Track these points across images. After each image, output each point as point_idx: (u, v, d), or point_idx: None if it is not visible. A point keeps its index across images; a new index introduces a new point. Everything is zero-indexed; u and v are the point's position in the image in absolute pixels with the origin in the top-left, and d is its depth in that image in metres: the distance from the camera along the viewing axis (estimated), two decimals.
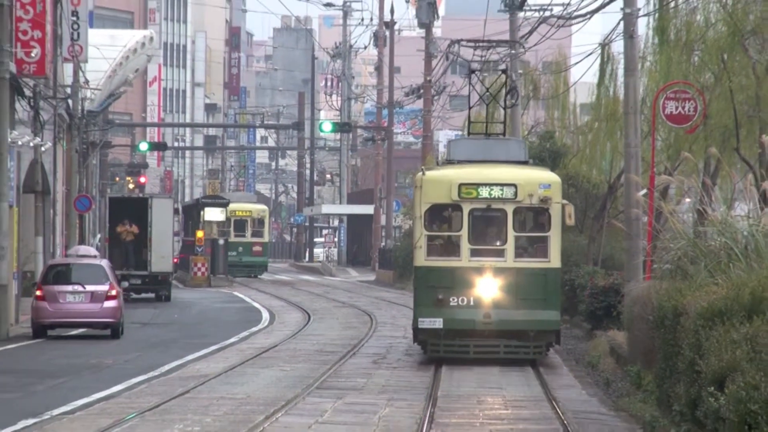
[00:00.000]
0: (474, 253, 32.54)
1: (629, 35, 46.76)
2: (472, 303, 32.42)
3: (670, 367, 27.77)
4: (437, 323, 32.32)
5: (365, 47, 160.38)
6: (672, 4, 46.65)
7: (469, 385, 38.55)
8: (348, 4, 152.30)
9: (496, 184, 32.22)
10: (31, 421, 32.57)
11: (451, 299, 32.30)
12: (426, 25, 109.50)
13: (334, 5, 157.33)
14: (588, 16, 60.93)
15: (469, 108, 50.03)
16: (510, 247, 32.68)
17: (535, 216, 33.44)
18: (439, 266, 32.72)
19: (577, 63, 78.09)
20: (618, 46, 50.93)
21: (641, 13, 47.26)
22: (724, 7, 43.05)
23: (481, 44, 50.01)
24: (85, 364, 46.93)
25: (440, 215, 33.12)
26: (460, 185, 32.51)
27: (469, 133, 58.29)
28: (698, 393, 22.09)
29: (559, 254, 33.59)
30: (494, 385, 38.28)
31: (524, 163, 38.09)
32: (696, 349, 23.71)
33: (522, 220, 33.55)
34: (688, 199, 49.03)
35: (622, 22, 47.53)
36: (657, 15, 47.43)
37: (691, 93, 41.84)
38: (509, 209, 32.45)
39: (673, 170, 48.28)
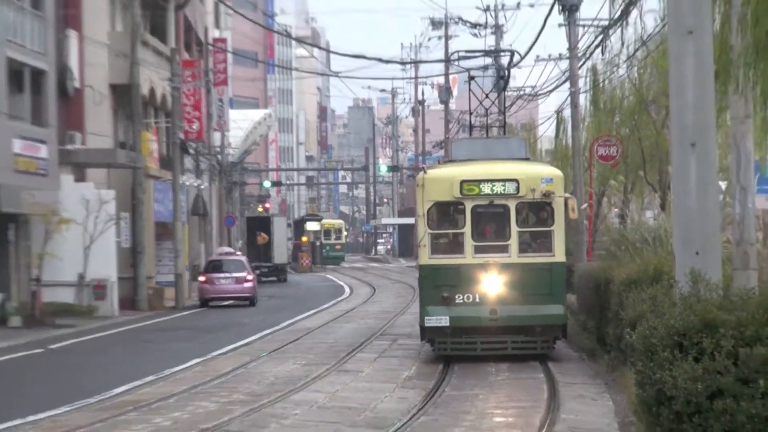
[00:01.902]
0: (478, 249, 26.41)
1: (574, 105, 46.79)
2: (477, 300, 26.27)
3: (604, 317, 27.77)
4: (443, 321, 26.19)
5: (407, 116, 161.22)
6: (600, 85, 46.84)
7: None
8: (395, 89, 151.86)
9: (498, 180, 26.44)
10: (198, 360, 32.87)
11: (456, 297, 26.17)
12: (444, 101, 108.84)
13: (386, 90, 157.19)
14: (547, 94, 61.36)
15: (470, 113, 42.84)
16: (514, 242, 26.69)
17: (538, 211, 27.36)
18: (444, 264, 26.60)
19: (542, 123, 79.43)
20: (567, 112, 50.90)
21: (581, 91, 47.43)
22: (634, 85, 43.17)
23: (477, 53, 43.88)
24: (233, 323, 46.89)
25: (443, 213, 27.21)
26: (462, 182, 26.47)
27: (470, 135, 50.99)
28: (621, 332, 22.16)
29: (563, 248, 27.65)
30: None
31: (525, 160, 32.29)
32: (619, 305, 23.83)
33: (525, 215, 27.38)
34: (615, 209, 49.29)
35: (569, 98, 47.83)
36: (591, 92, 47.58)
37: (614, 141, 42.06)
38: (512, 205, 26.45)
39: (604, 191, 48.46)
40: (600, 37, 46.03)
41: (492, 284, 26.41)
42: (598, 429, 19.72)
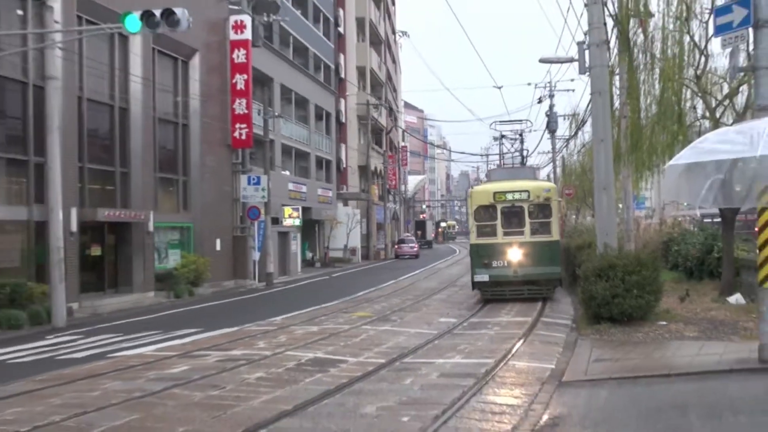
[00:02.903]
0: (505, 233, 21.84)
1: (555, 172, 46.13)
2: (506, 264, 21.64)
3: (569, 263, 27.07)
4: (485, 277, 21.65)
5: (484, 177, 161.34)
6: (566, 164, 46.14)
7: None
8: (478, 166, 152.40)
9: (517, 191, 21.96)
10: (393, 281, 32.46)
11: (493, 263, 21.62)
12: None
13: (475, 166, 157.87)
14: (543, 167, 60.53)
15: (502, 156, 33.63)
16: (527, 228, 21.93)
17: (542, 209, 22.18)
18: (485, 243, 21.87)
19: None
20: (552, 175, 50.22)
21: (558, 166, 46.62)
22: (580, 163, 42.41)
23: (506, 121, 34.84)
24: (408, 266, 46.35)
25: (484, 212, 22.15)
26: (494, 193, 22.11)
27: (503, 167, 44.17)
28: (574, 270, 21.75)
29: (558, 231, 22.57)
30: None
31: (534, 179, 26.45)
32: (575, 257, 23.30)
33: (533, 212, 22.27)
34: (573, 215, 48.31)
35: (553, 169, 47.32)
36: (562, 166, 46.75)
37: (572, 187, 41.38)
38: (525, 206, 21.83)
39: (568, 208, 47.52)
40: (566, 143, 45.56)
41: (514, 255, 21.59)
42: (565, 310, 19.25)
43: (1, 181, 21.76)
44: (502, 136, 28.60)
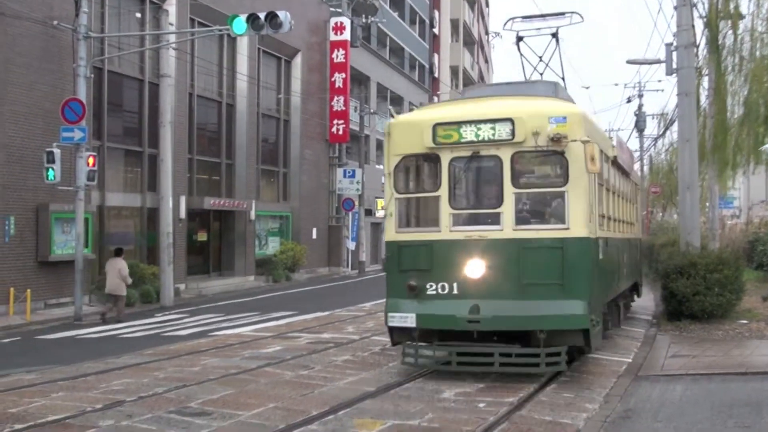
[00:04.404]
0: (458, 220, 8.28)
1: (642, 171, 45.19)
2: (455, 291, 8.07)
3: (652, 260, 26.40)
4: (409, 320, 8.19)
5: None
6: (653, 162, 45.09)
7: None
8: None
9: (485, 121, 7.84)
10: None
11: (427, 286, 8.16)
12: None
13: None
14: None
15: (526, 78, 11.30)
16: (508, 209, 7.98)
17: (545, 163, 8.05)
18: (413, 240, 8.39)
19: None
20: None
21: (645, 165, 45.55)
22: (667, 161, 41.36)
23: (532, 16, 11.04)
24: None
25: (412, 171, 8.67)
26: (435, 126, 8.07)
27: None
28: (657, 267, 21.28)
29: (583, 217, 7.65)
30: None
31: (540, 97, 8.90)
32: (658, 254, 22.79)
33: (526, 170, 8.26)
34: (659, 213, 47.05)
35: (641, 168, 46.17)
36: (649, 165, 45.59)
37: (658, 185, 40.39)
38: (505, 156, 7.86)
39: (654, 206, 46.25)
40: (654, 142, 44.42)
41: (475, 269, 8.35)
42: (647, 306, 18.71)
43: (119, 171, 22.68)
44: (520, 39, 11.05)
